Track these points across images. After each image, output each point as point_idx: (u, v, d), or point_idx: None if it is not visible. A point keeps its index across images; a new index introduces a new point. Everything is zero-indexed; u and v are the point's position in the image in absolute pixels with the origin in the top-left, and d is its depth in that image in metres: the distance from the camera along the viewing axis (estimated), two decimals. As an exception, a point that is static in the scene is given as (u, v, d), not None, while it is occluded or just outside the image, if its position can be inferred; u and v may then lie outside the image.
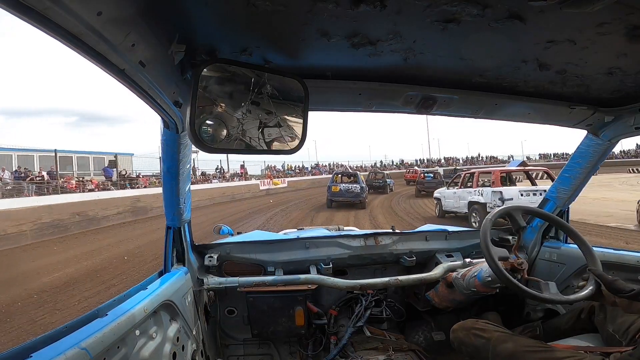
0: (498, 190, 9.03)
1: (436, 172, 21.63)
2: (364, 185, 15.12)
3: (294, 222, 11.03)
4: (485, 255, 1.28)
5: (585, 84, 1.14)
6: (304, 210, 14.70)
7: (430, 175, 20.76)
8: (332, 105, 1.23)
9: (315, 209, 14.79)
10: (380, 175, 23.50)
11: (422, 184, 19.49)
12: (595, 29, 0.75)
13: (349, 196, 14.43)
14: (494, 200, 8.86)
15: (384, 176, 22.99)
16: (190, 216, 1.48)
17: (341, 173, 16.77)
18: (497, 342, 1.26)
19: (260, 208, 16.41)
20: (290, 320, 1.66)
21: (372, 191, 20.04)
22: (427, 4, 0.67)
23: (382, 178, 22.53)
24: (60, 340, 0.78)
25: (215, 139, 0.84)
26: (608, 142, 1.51)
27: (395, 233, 2.01)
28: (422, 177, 20.23)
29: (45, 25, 0.51)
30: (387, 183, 22.02)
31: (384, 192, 21.45)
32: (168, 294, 1.21)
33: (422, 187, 19.26)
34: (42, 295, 5.29)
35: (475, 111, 1.32)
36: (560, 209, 1.77)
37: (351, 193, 14.41)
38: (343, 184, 14.93)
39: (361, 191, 14.51)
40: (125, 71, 0.69)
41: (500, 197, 8.83)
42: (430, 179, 19.90)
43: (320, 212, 13.93)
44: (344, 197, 14.47)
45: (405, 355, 1.56)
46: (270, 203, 18.45)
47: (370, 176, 22.89)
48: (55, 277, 6.23)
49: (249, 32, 0.81)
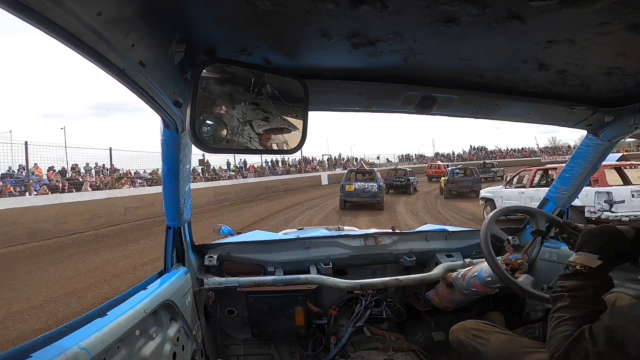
0: (604, 190, 6.57)
1: (468, 168, 17.86)
2: (381, 183, 13.51)
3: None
4: (485, 255, 1.28)
5: (585, 84, 1.14)
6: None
7: (456, 170, 17.58)
8: (332, 105, 1.23)
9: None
10: (402, 172, 19.87)
11: (453, 183, 16.26)
12: (595, 29, 0.75)
13: (364, 196, 12.81)
14: (599, 204, 6.55)
15: (406, 173, 19.41)
16: (190, 216, 1.48)
17: (356, 170, 14.67)
18: (495, 343, 1.26)
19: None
20: (290, 320, 1.66)
21: (392, 191, 18.00)
22: (427, 4, 0.67)
23: (404, 175, 19.08)
24: (60, 340, 0.78)
25: (215, 139, 0.84)
26: (608, 142, 1.51)
27: (395, 233, 2.01)
28: (454, 174, 16.84)
29: (45, 25, 0.51)
30: (411, 182, 18.49)
31: (407, 193, 18.18)
32: (168, 294, 1.21)
33: (454, 187, 16.14)
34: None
35: (475, 111, 1.32)
36: (560, 209, 1.77)
37: (367, 193, 12.78)
38: (358, 182, 13.20)
39: (379, 190, 12.89)
40: (125, 71, 0.69)
41: (607, 199, 6.52)
42: (462, 176, 16.90)
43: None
44: (359, 197, 12.85)
45: (405, 355, 1.56)
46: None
47: (390, 174, 19.63)
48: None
49: (248, 32, 0.81)
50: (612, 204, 6.49)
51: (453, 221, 10.49)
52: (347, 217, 11.43)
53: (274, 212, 13.47)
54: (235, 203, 17.08)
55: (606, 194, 6.54)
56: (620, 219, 6.26)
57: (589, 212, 6.55)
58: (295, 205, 15.45)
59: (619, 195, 6.51)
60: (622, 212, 6.38)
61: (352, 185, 13.02)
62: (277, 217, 12.29)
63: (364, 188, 12.84)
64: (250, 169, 25.82)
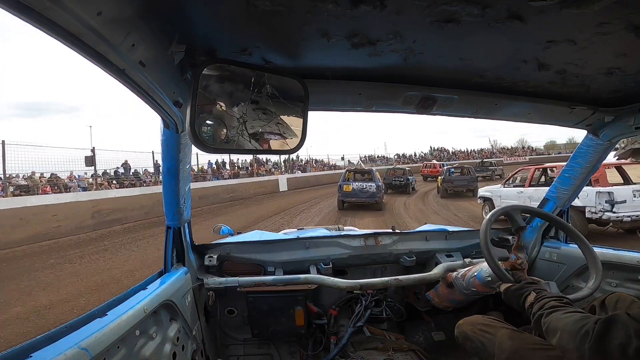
0: (605, 190, 6.27)
1: (465, 167, 17.60)
2: (380, 183, 13.18)
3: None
4: (485, 255, 1.28)
5: (585, 84, 1.14)
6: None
7: (452, 169, 17.36)
8: (332, 105, 1.23)
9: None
10: (401, 171, 19.62)
11: (449, 182, 16.22)
12: (595, 29, 0.75)
13: (363, 196, 12.53)
14: (600, 204, 6.27)
15: (405, 172, 19.21)
16: (190, 216, 1.48)
17: (354, 170, 14.51)
18: (502, 339, 1.25)
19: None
20: (290, 320, 1.66)
21: (391, 191, 17.70)
22: (427, 4, 0.67)
23: (403, 175, 18.87)
24: (60, 340, 0.78)
25: (215, 139, 0.84)
26: (608, 142, 1.51)
27: (395, 233, 2.01)
28: (450, 173, 16.65)
29: (45, 25, 0.51)
30: (410, 181, 18.36)
31: (406, 192, 17.98)
32: (168, 293, 1.21)
33: (451, 186, 16.08)
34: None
35: (475, 111, 1.32)
36: (560, 209, 1.77)
37: (365, 193, 12.50)
38: (356, 182, 12.95)
39: (377, 190, 12.60)
40: (125, 71, 0.70)
41: (608, 199, 6.23)
42: (458, 175, 16.72)
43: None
44: (357, 197, 12.59)
45: (405, 355, 1.56)
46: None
47: (389, 173, 19.37)
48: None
49: (248, 32, 0.81)
50: (614, 204, 6.25)
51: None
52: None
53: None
54: (125, 231, 10.44)
55: (607, 194, 6.25)
56: (622, 219, 6.16)
57: (589, 213, 6.36)
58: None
59: (621, 195, 6.25)
60: (624, 212, 6.19)
61: (350, 185, 12.76)
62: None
63: (362, 188, 12.61)
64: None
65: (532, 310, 1.03)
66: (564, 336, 0.86)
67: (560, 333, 0.87)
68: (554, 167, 8.28)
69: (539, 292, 1.08)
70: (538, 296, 1.07)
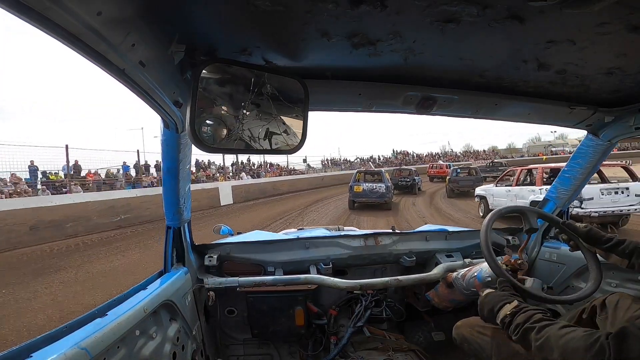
0: None
1: (471, 168, 18.36)
2: (389, 184, 13.57)
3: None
4: (485, 255, 1.28)
5: (585, 84, 1.14)
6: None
7: (458, 170, 17.99)
8: (332, 105, 1.23)
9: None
10: (407, 172, 20.16)
11: (455, 182, 16.89)
12: (595, 29, 0.75)
13: (373, 197, 12.89)
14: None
15: (411, 173, 19.72)
16: (190, 216, 1.48)
17: (364, 171, 14.84)
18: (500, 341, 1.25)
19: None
20: (290, 320, 1.66)
21: (397, 191, 17.58)
22: (427, 4, 0.67)
23: (409, 175, 19.39)
24: (60, 340, 0.78)
25: (215, 139, 0.83)
26: (608, 143, 1.51)
27: (395, 233, 2.01)
28: (456, 174, 17.34)
29: (45, 25, 0.51)
30: (416, 181, 18.84)
31: (412, 192, 18.40)
32: (168, 293, 1.21)
33: (457, 186, 16.73)
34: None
35: (475, 111, 1.32)
36: (560, 209, 1.77)
37: (375, 193, 12.86)
38: (366, 183, 13.30)
39: (386, 191, 12.97)
40: (125, 71, 0.70)
41: (578, 196, 7.29)
42: (464, 175, 17.35)
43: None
44: (367, 197, 12.94)
45: (405, 355, 1.56)
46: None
47: (395, 173, 19.87)
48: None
49: (248, 32, 0.81)
50: (582, 201, 7.09)
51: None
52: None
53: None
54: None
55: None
56: (590, 215, 6.94)
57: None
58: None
59: (588, 193, 7.07)
60: (592, 208, 7.03)
61: (360, 186, 13.15)
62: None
63: (372, 189, 12.99)
64: (88, 176, 13.40)
65: (515, 322, 0.99)
66: (571, 353, 0.83)
67: (563, 350, 0.84)
68: (536, 168, 9.29)
69: (520, 303, 1.05)
70: (520, 306, 1.03)
